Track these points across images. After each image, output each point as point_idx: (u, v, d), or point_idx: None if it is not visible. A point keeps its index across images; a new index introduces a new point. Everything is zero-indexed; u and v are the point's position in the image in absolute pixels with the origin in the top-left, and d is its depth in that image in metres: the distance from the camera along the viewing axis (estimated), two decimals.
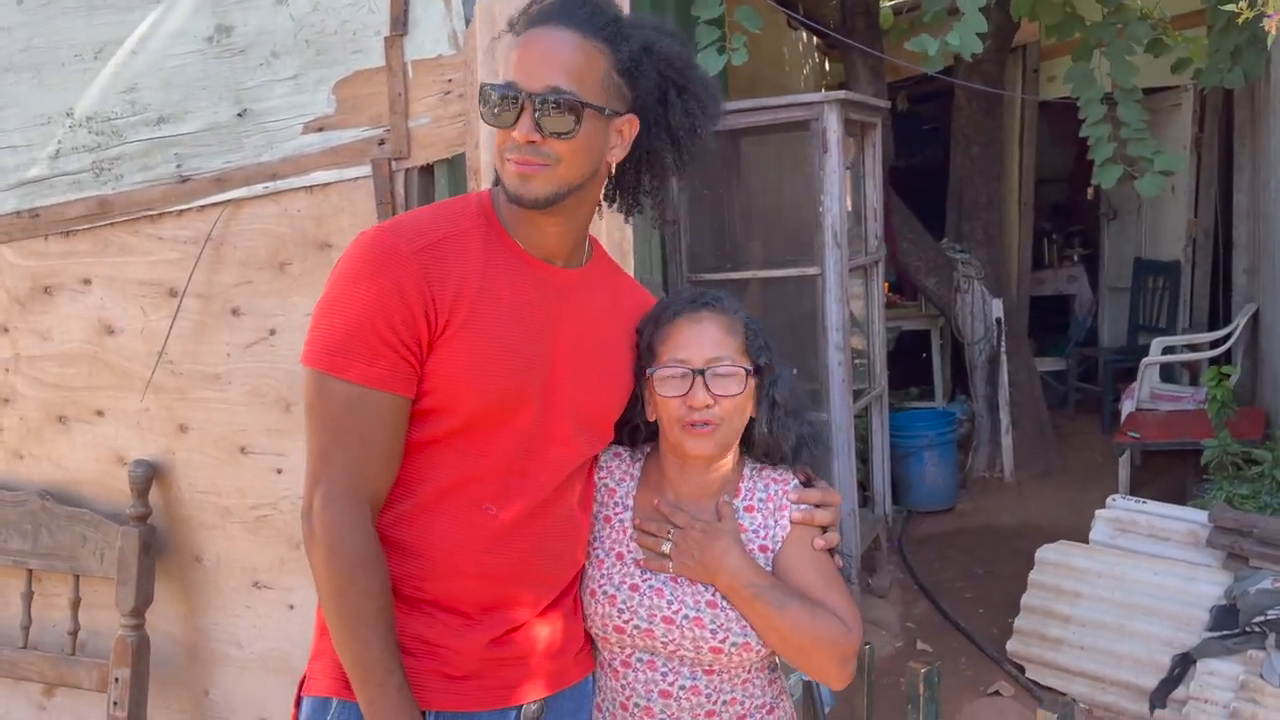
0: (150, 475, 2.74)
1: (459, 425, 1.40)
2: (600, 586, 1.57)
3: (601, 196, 1.56)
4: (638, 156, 1.53)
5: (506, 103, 1.39)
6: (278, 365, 2.62)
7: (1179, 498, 4.62)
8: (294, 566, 2.70)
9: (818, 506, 1.59)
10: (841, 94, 3.45)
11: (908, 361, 6.90)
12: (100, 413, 2.84)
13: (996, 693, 3.35)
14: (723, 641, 1.51)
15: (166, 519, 2.81)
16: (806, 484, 1.63)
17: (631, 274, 2.28)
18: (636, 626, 1.53)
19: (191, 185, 2.65)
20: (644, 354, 1.58)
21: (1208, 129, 6.69)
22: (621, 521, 1.61)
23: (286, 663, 2.72)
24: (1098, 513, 3.65)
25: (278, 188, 2.55)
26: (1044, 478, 5.87)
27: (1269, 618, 2.93)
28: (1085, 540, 3.72)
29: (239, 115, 2.59)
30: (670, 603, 1.53)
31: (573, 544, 1.55)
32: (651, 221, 1.64)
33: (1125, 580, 3.39)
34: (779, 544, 1.58)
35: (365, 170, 2.49)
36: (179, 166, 2.66)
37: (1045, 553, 3.61)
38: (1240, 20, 1.91)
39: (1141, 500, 3.60)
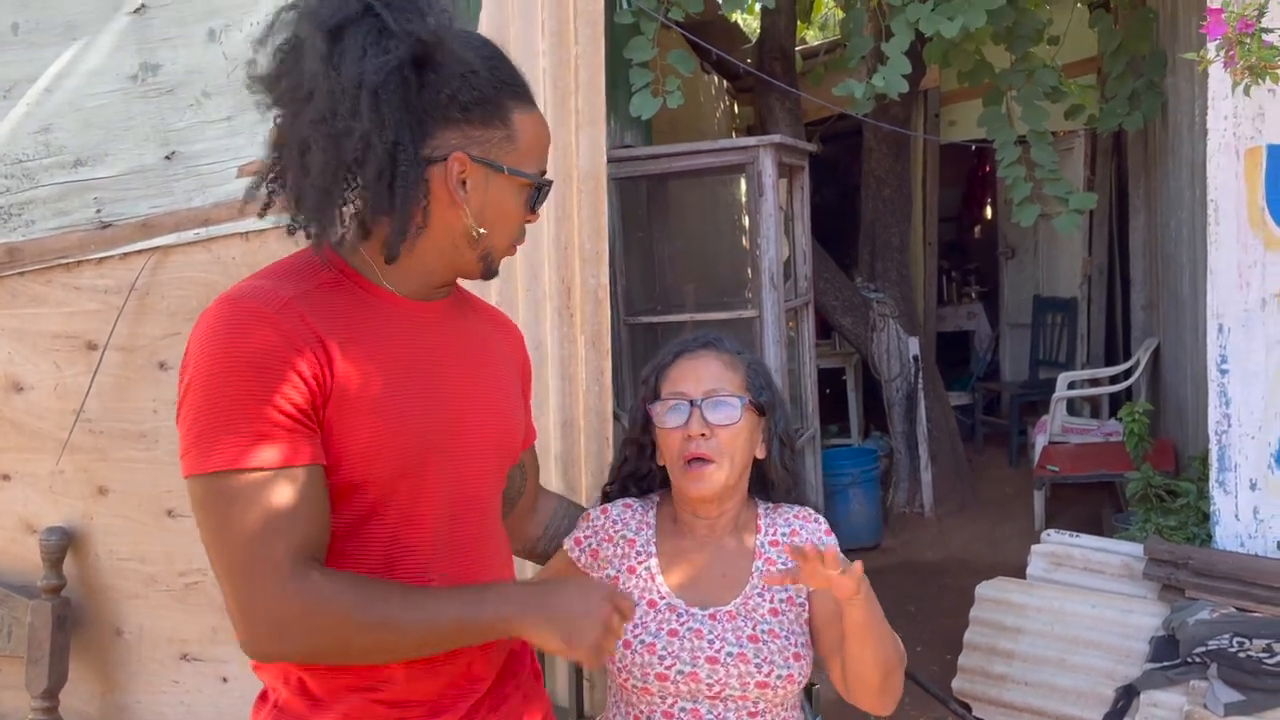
0: (65, 544, 2.55)
1: (380, 495, 1.26)
2: (636, 636, 1.53)
3: None
4: None
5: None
6: None
7: (1094, 528, 4.73)
8: (227, 636, 2.53)
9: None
10: (776, 138, 3.47)
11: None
12: (7, 477, 2.63)
13: None
14: (769, 675, 1.50)
15: (83, 589, 2.61)
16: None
17: (607, 318, 2.22)
18: (680, 671, 1.50)
19: (113, 231, 2.49)
20: (648, 396, 1.61)
21: (1099, 172, 7.00)
22: (648, 569, 1.59)
23: None
24: (1033, 548, 3.69)
25: (211, 234, 2.42)
26: (961, 512, 5.98)
27: (1209, 648, 2.98)
28: (1011, 574, 3.76)
29: (167, 158, 2.45)
30: (712, 642, 1.52)
31: None
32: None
33: (1064, 614, 3.42)
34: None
35: None
36: (99, 211, 2.50)
37: (985, 589, 3.63)
38: (1201, 69, 1.96)
39: (1075, 534, 3.65)
